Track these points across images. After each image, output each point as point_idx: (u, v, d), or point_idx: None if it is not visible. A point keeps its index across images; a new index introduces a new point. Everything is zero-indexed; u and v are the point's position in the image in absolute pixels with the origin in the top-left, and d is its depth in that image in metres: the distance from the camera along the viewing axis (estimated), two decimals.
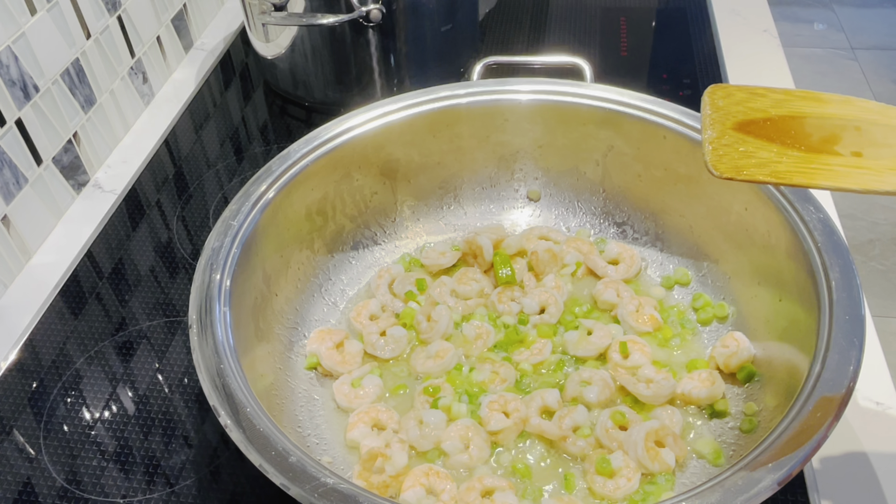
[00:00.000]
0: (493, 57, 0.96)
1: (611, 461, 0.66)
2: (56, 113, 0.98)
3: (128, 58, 1.12)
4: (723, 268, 0.81)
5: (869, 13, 3.44)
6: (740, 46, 1.25)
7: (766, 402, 0.69)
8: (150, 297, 0.90)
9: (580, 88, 0.86)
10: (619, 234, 0.89)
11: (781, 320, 0.72)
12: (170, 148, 1.11)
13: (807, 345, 0.63)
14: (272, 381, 0.72)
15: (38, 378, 0.81)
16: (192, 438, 0.75)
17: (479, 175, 0.92)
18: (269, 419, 0.58)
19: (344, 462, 0.70)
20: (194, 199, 1.03)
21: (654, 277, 0.85)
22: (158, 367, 0.82)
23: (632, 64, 1.24)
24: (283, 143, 1.11)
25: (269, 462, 0.55)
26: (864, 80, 3.02)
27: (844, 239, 0.69)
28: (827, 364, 0.59)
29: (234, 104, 1.20)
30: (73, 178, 1.02)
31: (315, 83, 1.13)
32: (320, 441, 0.71)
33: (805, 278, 0.68)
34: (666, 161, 0.83)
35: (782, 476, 0.53)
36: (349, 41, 1.07)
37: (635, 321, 0.78)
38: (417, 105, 0.86)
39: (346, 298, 0.85)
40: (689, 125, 0.80)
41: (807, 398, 0.58)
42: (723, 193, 0.79)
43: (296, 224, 0.81)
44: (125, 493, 0.71)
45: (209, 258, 0.70)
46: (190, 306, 0.66)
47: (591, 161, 0.88)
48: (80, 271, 0.93)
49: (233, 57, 1.29)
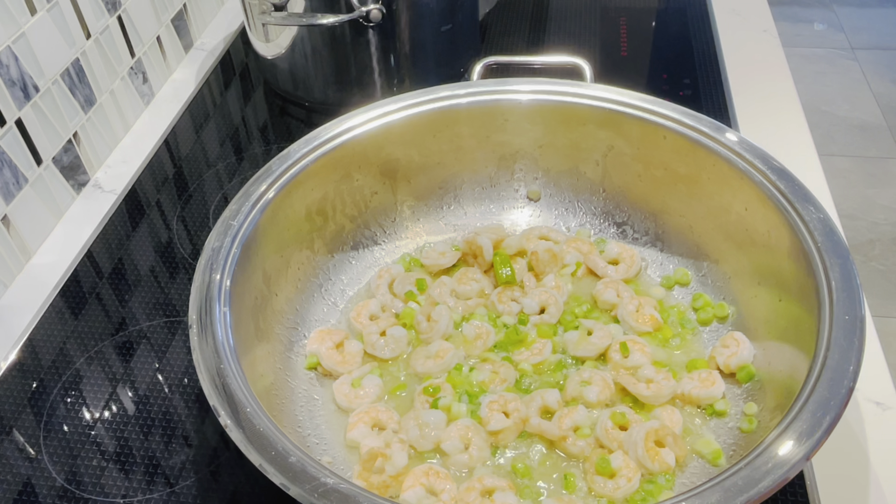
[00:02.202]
0: (493, 57, 0.96)
1: (611, 461, 0.66)
2: (56, 113, 0.98)
3: (128, 58, 1.12)
4: (723, 268, 0.81)
5: (869, 13, 3.44)
6: (740, 46, 1.25)
7: (766, 402, 0.69)
8: (150, 297, 0.90)
9: (580, 88, 0.86)
10: (619, 234, 0.89)
11: (781, 320, 0.72)
12: (170, 148, 1.11)
13: (807, 345, 0.63)
14: (272, 381, 0.72)
15: (38, 378, 0.82)
16: (192, 438, 0.75)
17: (479, 175, 0.92)
18: (269, 419, 0.58)
19: (344, 462, 0.70)
20: (194, 199, 1.03)
21: (654, 277, 0.85)
22: (158, 367, 0.82)
23: (632, 64, 1.24)
24: (283, 143, 1.11)
25: (269, 462, 0.55)
26: (864, 80, 3.02)
27: (844, 239, 0.69)
28: (827, 364, 0.59)
29: (234, 104, 1.20)
30: (73, 178, 1.02)
31: (315, 83, 1.13)
32: (320, 441, 0.71)
33: (805, 278, 0.68)
34: (666, 161, 0.83)
35: (782, 476, 0.53)
36: (349, 41, 1.07)
37: (635, 321, 0.78)
38: (417, 105, 0.85)
39: (345, 298, 0.85)
40: (689, 125, 0.80)
41: (807, 398, 0.58)
42: (723, 193, 0.79)
43: (296, 224, 0.81)
44: (125, 493, 0.71)
45: (209, 258, 0.70)
46: (190, 306, 0.66)
47: (591, 161, 0.88)
48: (80, 271, 0.93)
49: (233, 57, 1.29)
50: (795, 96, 1.14)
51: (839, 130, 2.79)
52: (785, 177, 0.73)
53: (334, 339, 0.78)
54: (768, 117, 1.11)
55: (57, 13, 0.96)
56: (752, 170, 0.75)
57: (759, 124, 1.09)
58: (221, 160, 1.09)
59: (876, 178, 2.58)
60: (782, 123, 1.09)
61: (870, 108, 2.88)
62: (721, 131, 0.79)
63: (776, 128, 1.08)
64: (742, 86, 1.16)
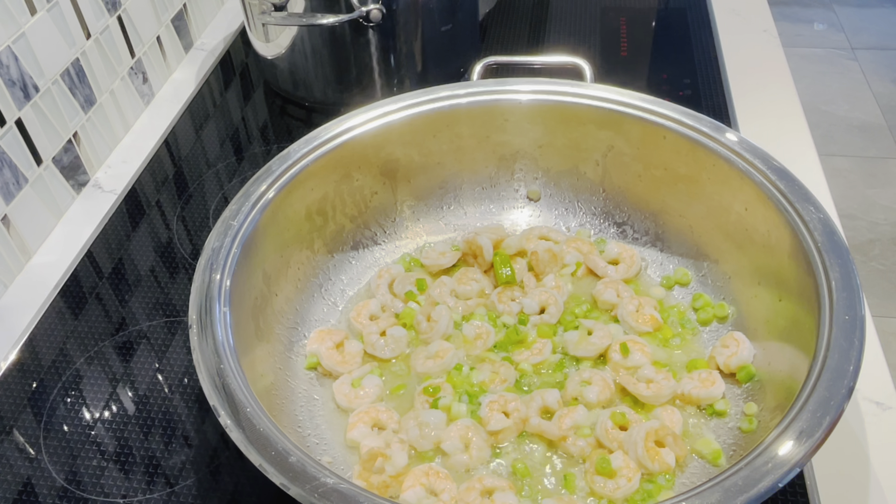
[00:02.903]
0: (493, 57, 0.96)
1: (611, 461, 0.66)
2: (56, 113, 0.98)
3: (128, 58, 1.12)
4: (723, 268, 0.81)
5: (869, 13, 3.44)
6: (740, 46, 1.25)
7: (766, 401, 0.69)
8: (150, 297, 0.90)
9: (580, 88, 0.86)
10: (619, 234, 0.89)
11: (781, 320, 0.72)
12: (170, 148, 1.11)
13: (807, 344, 0.63)
14: (272, 381, 0.72)
15: (38, 378, 0.82)
16: (192, 438, 0.75)
17: (479, 175, 0.92)
18: (269, 419, 0.58)
19: (344, 462, 0.70)
20: (194, 199, 1.03)
21: (654, 277, 0.85)
22: (158, 367, 0.82)
23: (632, 64, 1.24)
24: (283, 143, 1.11)
25: (269, 462, 0.55)
26: (864, 80, 3.02)
27: (844, 239, 0.69)
28: (827, 364, 0.59)
29: (234, 104, 1.20)
30: (73, 178, 1.02)
31: (315, 83, 1.13)
32: (320, 441, 0.71)
33: (805, 278, 0.68)
34: (666, 161, 0.83)
35: (782, 476, 0.53)
36: (349, 41, 1.07)
37: (635, 321, 0.78)
38: (417, 105, 0.86)
39: (345, 298, 0.85)
40: (690, 125, 0.80)
41: (807, 398, 0.58)
42: (723, 193, 0.79)
43: (296, 224, 0.81)
44: (125, 492, 0.71)
45: (209, 258, 0.70)
46: (190, 306, 0.66)
47: (591, 161, 0.88)
48: (80, 271, 0.93)
49: (233, 57, 1.29)
50: (795, 96, 1.14)
51: (839, 130, 2.79)
52: (785, 177, 0.73)
53: (334, 339, 0.78)
54: (768, 117, 1.11)
55: (57, 13, 0.96)
56: (752, 170, 0.75)
57: (759, 124, 1.09)
58: (221, 160, 1.09)
59: (876, 178, 2.58)
60: (782, 123, 1.09)
61: (870, 108, 2.88)
62: (721, 131, 0.79)
63: (776, 128, 1.09)
64: (742, 86, 1.16)
